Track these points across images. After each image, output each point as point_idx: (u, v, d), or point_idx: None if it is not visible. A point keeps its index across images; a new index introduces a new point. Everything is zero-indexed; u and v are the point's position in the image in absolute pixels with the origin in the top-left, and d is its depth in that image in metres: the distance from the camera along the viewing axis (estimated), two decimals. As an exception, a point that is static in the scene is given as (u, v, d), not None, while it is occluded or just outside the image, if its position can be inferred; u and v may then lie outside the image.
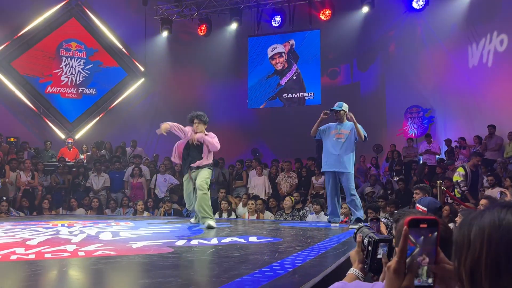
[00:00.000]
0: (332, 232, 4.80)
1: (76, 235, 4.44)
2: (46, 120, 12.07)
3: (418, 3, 10.69)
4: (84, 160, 10.64)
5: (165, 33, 12.66)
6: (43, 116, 12.04)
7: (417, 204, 3.17)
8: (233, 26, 12.36)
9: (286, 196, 7.75)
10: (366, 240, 1.60)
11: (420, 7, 10.74)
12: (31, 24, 11.90)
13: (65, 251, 3.38)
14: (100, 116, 12.63)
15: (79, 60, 12.57)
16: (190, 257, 3.18)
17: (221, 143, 5.81)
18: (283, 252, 3.29)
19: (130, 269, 2.84)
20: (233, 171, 9.79)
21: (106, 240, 4.11)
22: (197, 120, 5.66)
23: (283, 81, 12.43)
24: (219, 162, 9.89)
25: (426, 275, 0.99)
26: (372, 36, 12.20)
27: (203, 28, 12.33)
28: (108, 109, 12.71)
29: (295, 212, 7.40)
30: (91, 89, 12.65)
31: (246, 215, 7.43)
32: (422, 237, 0.98)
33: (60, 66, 12.37)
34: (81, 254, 3.27)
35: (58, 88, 12.32)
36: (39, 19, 12.00)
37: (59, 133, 12.14)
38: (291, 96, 12.34)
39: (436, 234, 0.98)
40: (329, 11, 11.52)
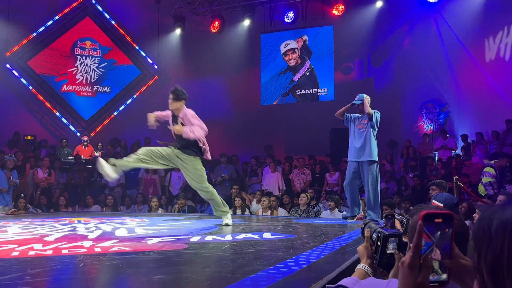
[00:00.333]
0: (347, 229, 4.77)
1: (92, 232, 4.49)
2: (62, 118, 12.24)
3: (433, -3, 10.53)
4: (99, 158, 10.76)
5: (178, 31, 12.71)
6: (59, 114, 12.20)
7: (433, 200, 3.13)
8: (246, 23, 12.35)
9: (301, 193, 7.73)
10: (375, 235, 1.58)
11: (435, 1, 10.58)
12: (47, 24, 12.07)
13: (82, 247, 3.43)
14: (115, 114, 12.76)
15: (94, 59, 12.70)
16: (205, 253, 3.19)
17: (235, 140, 5.71)
18: (298, 249, 3.28)
19: (146, 265, 2.87)
20: (248, 168, 9.80)
21: (122, 237, 4.15)
22: (171, 96, 4.80)
23: (296, 77, 12.38)
24: (233, 159, 9.92)
25: (441, 271, 0.98)
26: (386, 31, 12.05)
27: (216, 25, 12.35)
28: (122, 107, 12.83)
29: (310, 209, 7.37)
30: (106, 87, 12.78)
31: (260, 212, 7.43)
32: (437, 232, 0.97)
33: (75, 65, 12.52)
34: (97, 250, 3.31)
35: (74, 87, 12.47)
36: (55, 19, 12.16)
37: (75, 131, 12.30)
38: (305, 92, 12.29)
39: (451, 229, 0.97)
40: (343, 6, 11.43)
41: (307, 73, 12.27)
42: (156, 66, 13.10)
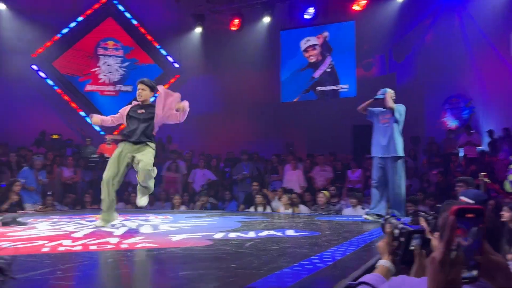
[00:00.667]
0: (371, 226, 4.74)
1: (118, 228, 4.59)
2: (86, 118, 12.48)
3: (457, -11, 10.31)
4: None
5: (198, 29, 12.79)
6: (84, 114, 12.45)
7: (461, 197, 3.08)
8: (266, 20, 12.33)
9: (320, 191, 7.68)
10: (397, 231, 1.56)
11: (459, -6, 10.36)
12: (70, 25, 12.32)
13: (109, 243, 3.51)
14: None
15: (116, 58, 12.91)
16: (229, 250, 3.22)
17: (255, 137, 5.70)
18: (322, 246, 3.28)
19: (172, 261, 2.91)
20: (269, 165, 9.80)
21: (147, 233, 4.23)
22: (141, 86, 4.89)
23: (317, 74, 12.31)
24: (254, 156, 9.94)
25: (472, 267, 0.96)
26: (408, 26, 11.85)
27: (236, 23, 12.38)
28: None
29: (331, 206, 7.33)
30: (128, 87, 12.96)
31: (281, 209, 7.43)
32: (469, 227, 0.96)
33: (98, 65, 12.74)
34: (124, 246, 3.38)
35: (97, 86, 12.70)
36: (78, 20, 12.40)
37: (99, 130, 12.52)
38: (325, 89, 12.21)
39: (482, 225, 0.96)
40: (365, 1, 11.30)
41: (328, 70, 12.19)
42: (177, 65, 13.22)
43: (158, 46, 13.17)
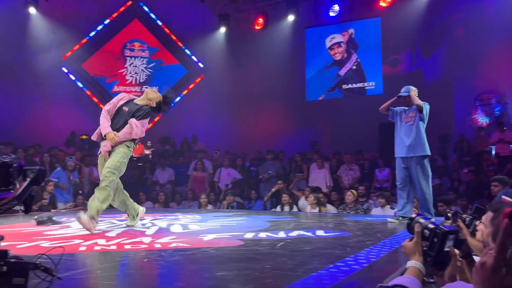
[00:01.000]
0: (403, 226, 4.66)
1: (149, 228, 4.66)
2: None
3: (487, -18, 10.01)
4: (150, 155, 11.10)
5: (223, 29, 12.84)
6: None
7: (503, 196, 2.99)
8: (290, 18, 12.28)
9: (348, 190, 7.60)
10: (428, 232, 1.52)
11: (489, -13, 10.05)
12: (98, 28, 12.59)
13: (142, 243, 3.56)
14: (163, 113, 13.08)
15: (142, 59, 13.11)
16: (261, 250, 3.22)
17: (280, 136, 5.63)
18: (355, 247, 3.25)
19: (206, 261, 2.94)
20: (293, 164, 9.77)
21: (178, 233, 4.28)
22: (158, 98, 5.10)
23: (343, 72, 12.18)
24: (280, 155, 9.92)
25: None
26: (436, 20, 11.59)
27: (260, 22, 12.37)
28: (171, 106, 13.14)
29: (359, 206, 7.25)
30: (154, 87, 13.14)
31: (308, 209, 7.39)
32: None
33: (125, 66, 12.97)
34: (158, 246, 3.43)
35: (124, 87, 12.92)
36: (105, 22, 12.65)
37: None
38: (351, 87, 12.07)
39: None
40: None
41: (354, 67, 12.05)
42: (202, 65, 13.32)
43: (183, 47, 13.29)
